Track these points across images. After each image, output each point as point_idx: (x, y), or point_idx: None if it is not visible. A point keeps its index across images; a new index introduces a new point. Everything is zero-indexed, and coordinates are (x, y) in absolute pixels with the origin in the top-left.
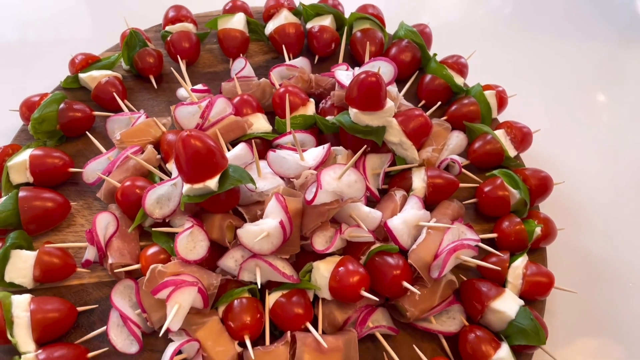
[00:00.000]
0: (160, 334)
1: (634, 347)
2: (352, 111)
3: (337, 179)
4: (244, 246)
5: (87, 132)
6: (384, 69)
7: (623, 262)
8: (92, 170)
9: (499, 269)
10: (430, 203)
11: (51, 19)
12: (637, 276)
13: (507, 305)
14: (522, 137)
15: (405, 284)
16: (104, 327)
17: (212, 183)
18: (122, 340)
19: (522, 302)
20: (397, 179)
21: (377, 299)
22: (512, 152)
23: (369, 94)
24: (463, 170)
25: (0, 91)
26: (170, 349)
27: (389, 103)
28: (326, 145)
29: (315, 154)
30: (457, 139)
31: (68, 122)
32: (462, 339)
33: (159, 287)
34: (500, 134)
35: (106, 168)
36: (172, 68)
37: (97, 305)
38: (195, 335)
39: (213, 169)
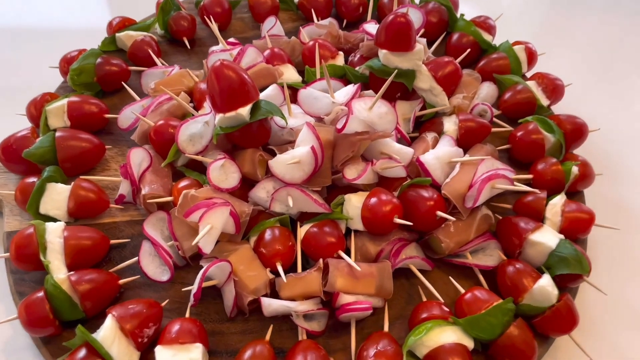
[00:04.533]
0: (188, 254)
1: None
2: (382, 52)
3: (368, 109)
4: (276, 176)
5: (123, 83)
6: (412, 14)
7: None
8: (127, 116)
9: (537, 192)
10: (462, 146)
11: None
12: None
13: (546, 237)
14: (553, 88)
15: (440, 213)
16: (136, 258)
17: (245, 111)
18: (154, 268)
19: (562, 236)
20: (427, 125)
21: (411, 224)
22: (544, 101)
23: (398, 33)
24: (495, 119)
25: (40, 51)
26: (201, 271)
27: (418, 46)
28: (357, 84)
29: (346, 91)
30: (488, 88)
31: (104, 74)
32: (501, 273)
33: (191, 210)
34: (531, 84)
35: (140, 113)
36: (207, 22)
37: (129, 240)
38: None
39: (245, 97)
